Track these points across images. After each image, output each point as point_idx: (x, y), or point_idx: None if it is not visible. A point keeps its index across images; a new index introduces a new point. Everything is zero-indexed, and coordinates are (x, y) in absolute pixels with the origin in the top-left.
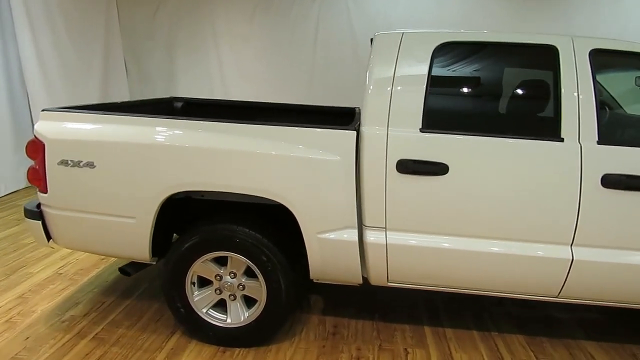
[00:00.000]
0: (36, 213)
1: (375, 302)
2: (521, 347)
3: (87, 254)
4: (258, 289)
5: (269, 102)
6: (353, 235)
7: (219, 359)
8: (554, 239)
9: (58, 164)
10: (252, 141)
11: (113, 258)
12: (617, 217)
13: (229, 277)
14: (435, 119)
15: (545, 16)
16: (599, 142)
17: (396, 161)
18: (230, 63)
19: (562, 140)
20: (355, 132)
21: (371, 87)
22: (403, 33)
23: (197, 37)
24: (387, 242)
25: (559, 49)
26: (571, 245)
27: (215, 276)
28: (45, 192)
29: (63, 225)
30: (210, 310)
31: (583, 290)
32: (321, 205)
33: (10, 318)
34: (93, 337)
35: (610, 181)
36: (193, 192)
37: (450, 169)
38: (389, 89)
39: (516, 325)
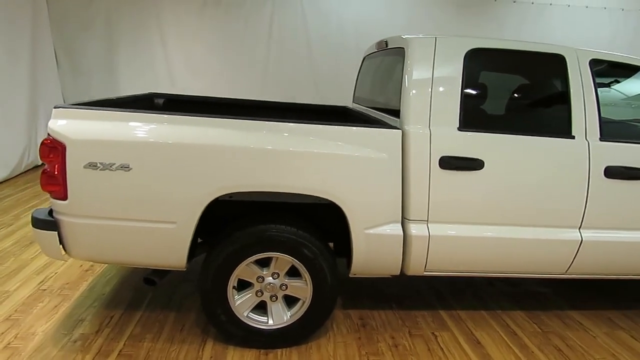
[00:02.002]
0: (51, 223)
1: (385, 293)
2: (525, 322)
3: (64, 266)
4: (302, 287)
5: (256, 99)
6: (397, 229)
7: None
8: (567, 224)
9: (84, 167)
10: (303, 140)
11: (100, 268)
12: (616, 203)
13: (271, 277)
14: (471, 119)
15: (480, 19)
16: (600, 139)
17: (439, 158)
18: (177, 57)
19: (573, 137)
20: (401, 131)
21: (413, 88)
22: (436, 38)
23: (140, 29)
24: (430, 233)
25: (566, 57)
26: (579, 228)
27: (257, 278)
28: (65, 198)
29: (86, 235)
30: (250, 313)
31: (587, 266)
32: (370, 201)
33: (9, 344)
34: (118, 354)
35: (612, 172)
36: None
37: (485, 164)
38: (428, 90)
39: (512, 302)
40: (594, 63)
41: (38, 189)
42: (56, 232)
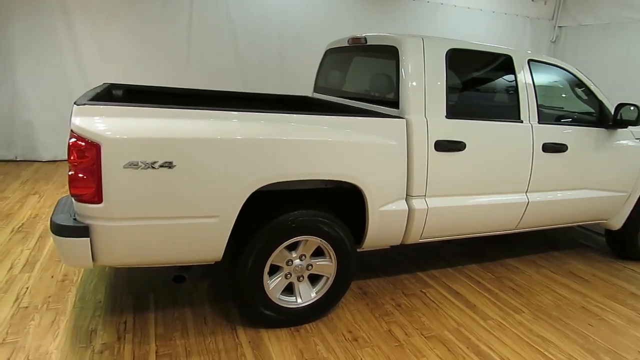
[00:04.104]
0: (82, 229)
1: (370, 264)
2: (481, 271)
3: (33, 280)
4: (327, 265)
5: (217, 89)
6: (403, 204)
7: (300, 338)
8: (519, 189)
9: (124, 167)
10: (331, 131)
11: (77, 277)
12: (549, 171)
13: (299, 260)
14: (453, 108)
15: (388, 14)
16: (538, 122)
17: (434, 142)
18: (86, 41)
19: (522, 121)
20: (405, 120)
21: (410, 82)
22: (423, 38)
23: (39, 9)
24: (428, 206)
25: (513, 57)
26: (526, 192)
27: (287, 262)
28: (99, 201)
29: (123, 239)
30: (280, 295)
31: (530, 221)
32: (384, 182)
33: None
34: (156, 355)
35: (547, 147)
36: None
37: (467, 145)
38: (422, 84)
39: (466, 258)
40: (532, 62)
41: None
42: (88, 239)
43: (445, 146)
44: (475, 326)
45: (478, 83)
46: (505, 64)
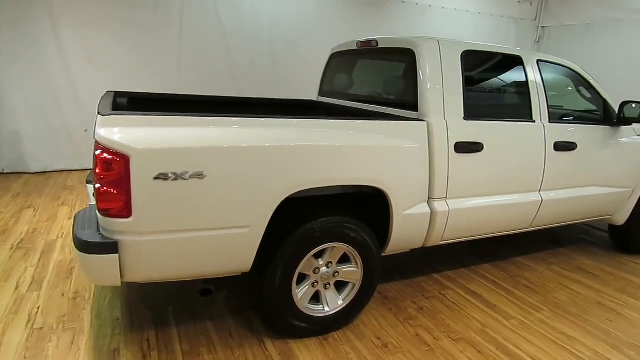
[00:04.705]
0: (110, 245)
1: (385, 267)
2: (494, 271)
3: (43, 299)
4: (353, 272)
5: (223, 95)
6: (425, 207)
7: (330, 347)
8: (533, 188)
9: (154, 179)
10: (358, 135)
11: (89, 293)
12: (561, 169)
13: (325, 267)
14: (471, 109)
15: (378, 16)
16: (549, 121)
17: (454, 143)
18: (75, 48)
19: (534, 121)
20: (426, 123)
21: (429, 84)
22: (439, 41)
23: (26, 16)
24: (449, 208)
25: (523, 58)
26: (539, 191)
27: (314, 270)
28: (128, 215)
29: (153, 253)
30: (308, 304)
31: (544, 219)
32: (407, 186)
33: None
34: None
35: (558, 146)
36: None
37: (485, 146)
38: (440, 86)
39: (477, 258)
40: (540, 62)
41: None
42: (117, 255)
43: (465, 148)
44: (499, 326)
45: (491, 84)
46: (515, 64)
